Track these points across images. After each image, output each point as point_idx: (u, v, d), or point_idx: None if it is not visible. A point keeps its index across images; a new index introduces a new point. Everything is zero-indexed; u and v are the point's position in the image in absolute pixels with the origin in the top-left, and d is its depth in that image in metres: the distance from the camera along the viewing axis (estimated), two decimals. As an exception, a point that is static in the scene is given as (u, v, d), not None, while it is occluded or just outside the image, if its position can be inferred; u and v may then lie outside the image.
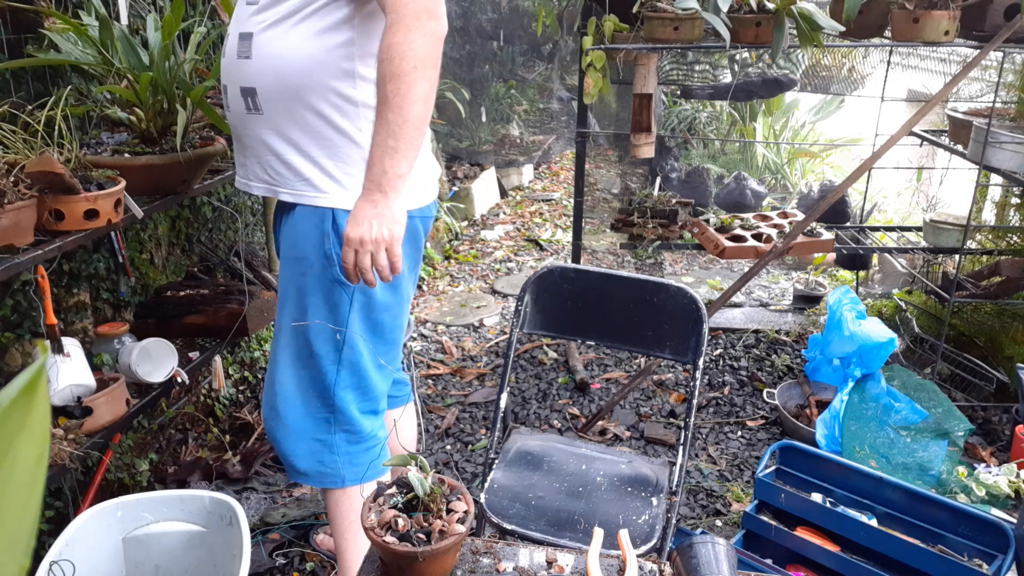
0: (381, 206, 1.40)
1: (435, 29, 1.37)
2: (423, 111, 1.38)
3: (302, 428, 1.63)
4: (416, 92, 1.36)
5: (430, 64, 1.37)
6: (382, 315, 1.62)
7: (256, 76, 1.49)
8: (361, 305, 1.58)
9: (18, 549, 0.30)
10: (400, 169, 1.39)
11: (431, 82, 1.38)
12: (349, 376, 1.62)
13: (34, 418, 0.30)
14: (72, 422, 1.80)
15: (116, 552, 1.62)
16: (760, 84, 4.16)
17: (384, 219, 1.40)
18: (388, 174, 1.39)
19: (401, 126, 1.37)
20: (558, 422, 2.90)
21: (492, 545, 1.22)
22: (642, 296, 1.81)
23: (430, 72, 1.37)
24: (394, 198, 1.40)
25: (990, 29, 2.62)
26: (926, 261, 3.27)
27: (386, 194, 1.40)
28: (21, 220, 1.55)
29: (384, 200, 1.40)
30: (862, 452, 2.39)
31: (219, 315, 2.39)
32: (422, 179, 1.61)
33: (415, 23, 1.34)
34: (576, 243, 3.32)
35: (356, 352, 1.60)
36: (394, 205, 1.41)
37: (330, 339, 1.58)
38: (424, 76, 1.36)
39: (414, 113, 1.37)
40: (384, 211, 1.40)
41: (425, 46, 1.35)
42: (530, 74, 7.55)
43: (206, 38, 2.10)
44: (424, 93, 1.37)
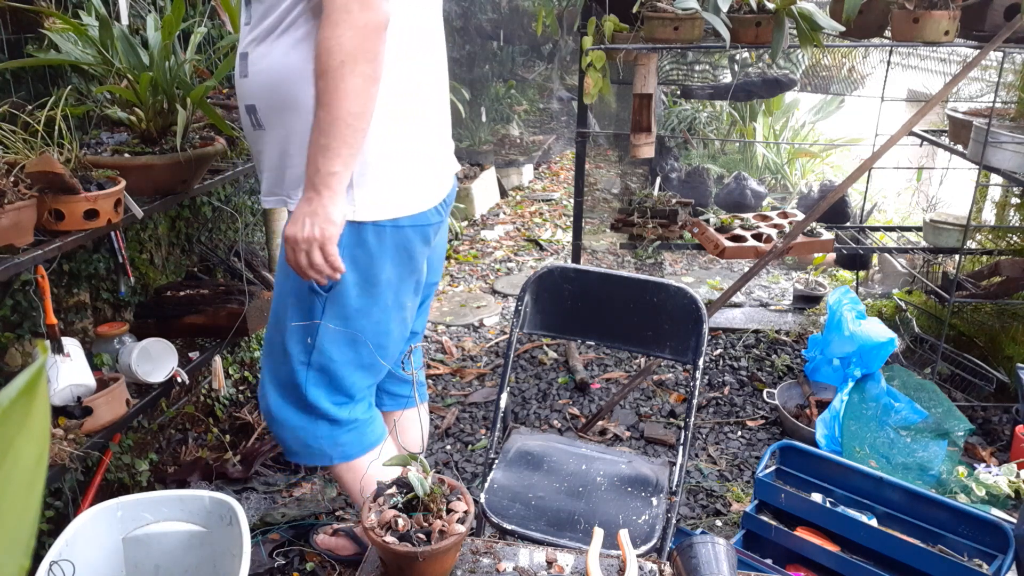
0: (315, 204, 1.39)
1: (368, 20, 1.31)
2: (356, 107, 1.34)
3: (284, 417, 1.69)
4: (345, 88, 1.33)
5: (362, 58, 1.32)
6: (360, 321, 1.60)
7: (254, 93, 1.50)
8: (334, 313, 1.58)
9: (18, 549, 0.30)
10: (332, 167, 1.37)
11: (365, 77, 1.33)
12: (318, 376, 1.64)
13: (34, 418, 0.30)
14: (72, 422, 1.80)
15: (116, 552, 1.62)
16: (760, 84, 4.16)
17: (317, 218, 1.39)
18: (321, 172, 1.37)
19: (332, 124, 1.35)
20: (558, 422, 2.90)
21: (492, 545, 1.22)
22: (642, 296, 1.81)
23: (362, 67, 1.33)
24: (328, 197, 1.39)
25: (990, 29, 2.62)
26: (926, 261, 3.27)
27: (320, 193, 1.39)
28: (21, 220, 1.55)
29: (318, 199, 1.39)
30: (862, 452, 2.39)
31: (219, 315, 2.39)
32: (411, 185, 1.56)
33: (343, 16, 1.30)
34: (576, 243, 3.32)
35: (326, 356, 1.61)
36: (328, 204, 1.39)
37: (301, 341, 1.61)
38: (354, 71, 1.32)
39: (344, 110, 1.34)
40: (317, 209, 1.39)
41: (354, 39, 1.31)
42: (530, 74, 7.55)
43: (214, 40, 2.10)
44: (355, 89, 1.33)
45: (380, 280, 1.58)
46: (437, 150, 1.63)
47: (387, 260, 1.56)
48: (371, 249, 1.54)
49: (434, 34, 1.58)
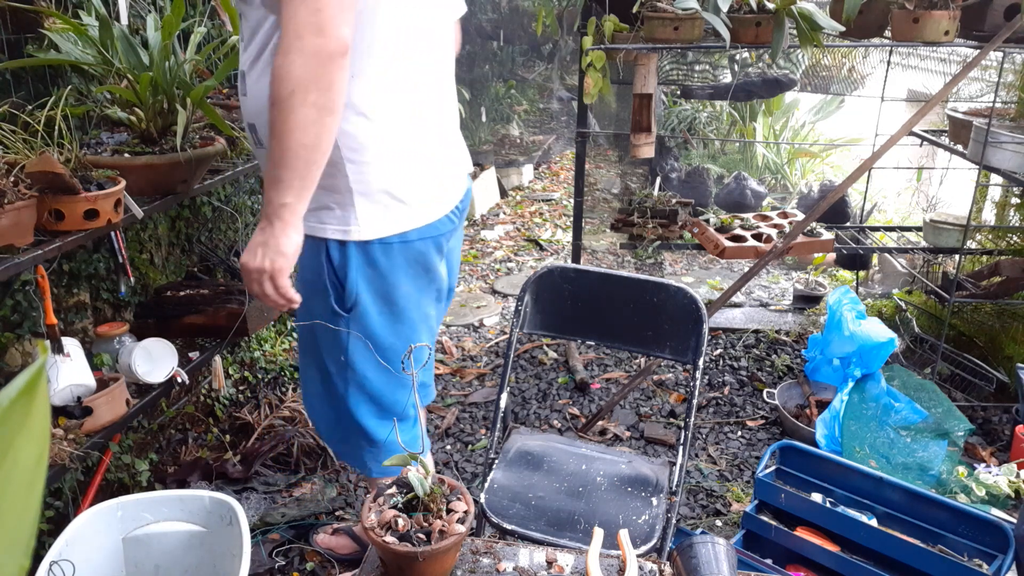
0: (266, 234, 1.36)
1: (321, 47, 1.25)
2: (307, 139, 1.29)
3: (330, 431, 1.74)
4: (295, 119, 1.27)
5: (313, 87, 1.26)
6: (388, 339, 1.59)
7: (252, 113, 1.48)
8: (359, 332, 1.56)
9: (18, 549, 0.30)
10: (284, 199, 1.33)
11: (318, 107, 1.28)
12: (360, 395, 1.65)
13: (34, 418, 0.31)
14: (72, 422, 1.80)
15: (116, 552, 1.62)
16: (760, 84, 4.16)
17: (268, 249, 1.37)
18: (273, 204, 1.34)
19: (282, 155, 1.31)
20: (558, 422, 2.90)
21: (492, 545, 1.22)
22: (642, 296, 1.81)
23: (314, 96, 1.26)
24: (280, 228, 1.35)
25: (990, 29, 2.62)
26: (926, 261, 3.27)
27: (272, 224, 1.36)
28: (21, 220, 1.55)
29: (270, 229, 1.36)
30: (862, 452, 2.39)
31: (219, 315, 2.39)
32: (415, 196, 1.53)
33: (295, 43, 1.25)
34: (576, 243, 3.32)
35: (359, 375, 1.62)
36: (280, 236, 1.36)
37: (335, 360, 1.61)
38: (305, 101, 1.26)
39: (295, 141, 1.29)
40: (269, 240, 1.36)
41: (306, 68, 1.25)
42: (530, 74, 7.55)
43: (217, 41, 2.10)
44: (305, 120, 1.28)
45: (398, 297, 1.56)
46: (443, 153, 1.59)
47: (401, 276, 1.54)
48: (382, 267, 1.51)
49: (434, 34, 1.54)
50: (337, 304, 1.53)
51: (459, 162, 1.67)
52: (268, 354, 3.03)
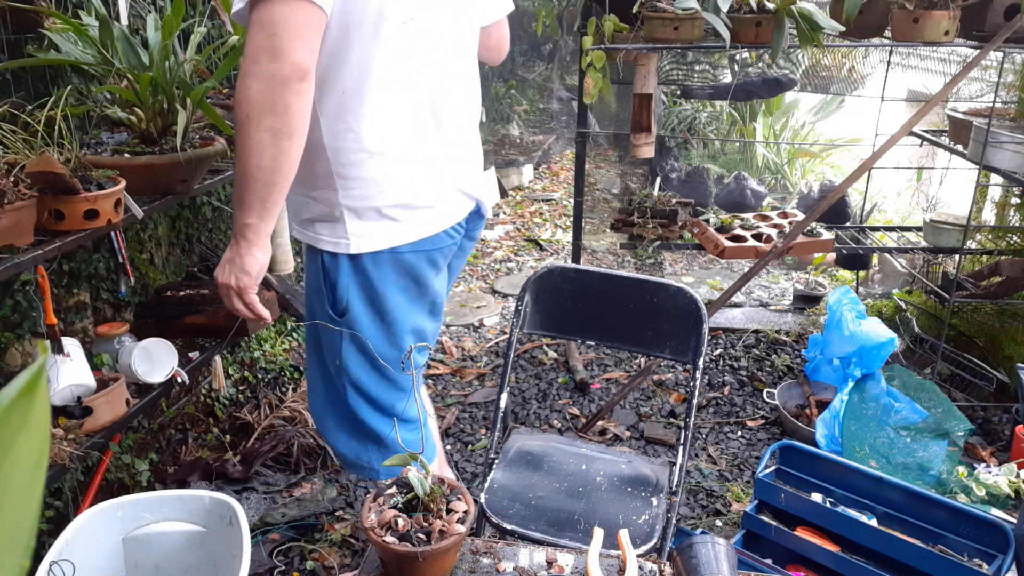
0: (233, 253, 1.41)
1: (276, 72, 1.25)
2: (263, 162, 1.30)
3: (337, 434, 1.74)
4: (251, 144, 1.29)
5: (268, 112, 1.26)
6: (381, 347, 1.60)
7: None
8: (351, 338, 1.58)
9: (18, 549, 0.30)
10: (246, 219, 1.37)
11: (273, 131, 1.28)
12: (357, 395, 1.67)
13: (34, 418, 0.31)
14: (72, 422, 1.80)
15: (116, 552, 1.62)
16: (760, 84, 4.16)
17: (234, 266, 1.42)
18: (238, 223, 1.38)
19: (242, 177, 1.33)
20: (558, 422, 2.90)
21: (492, 545, 1.22)
22: (642, 296, 1.81)
23: (269, 120, 1.27)
24: (244, 247, 1.39)
25: (990, 29, 2.62)
26: (926, 261, 3.27)
27: (237, 242, 1.40)
28: (21, 220, 1.55)
29: (236, 248, 1.41)
30: (862, 452, 2.39)
31: (219, 315, 2.39)
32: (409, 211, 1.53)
33: (251, 67, 1.26)
34: (576, 243, 3.32)
35: (352, 376, 1.63)
36: (244, 254, 1.40)
37: (332, 362, 1.65)
38: (261, 125, 1.27)
39: (252, 164, 1.31)
40: (235, 258, 1.41)
41: (261, 92, 1.26)
42: (530, 74, 7.56)
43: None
44: (260, 144, 1.29)
45: (388, 307, 1.57)
46: (443, 171, 1.57)
47: (390, 286, 1.55)
48: (371, 277, 1.53)
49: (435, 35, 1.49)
50: (331, 308, 1.56)
51: (469, 173, 1.64)
52: (268, 354, 3.03)
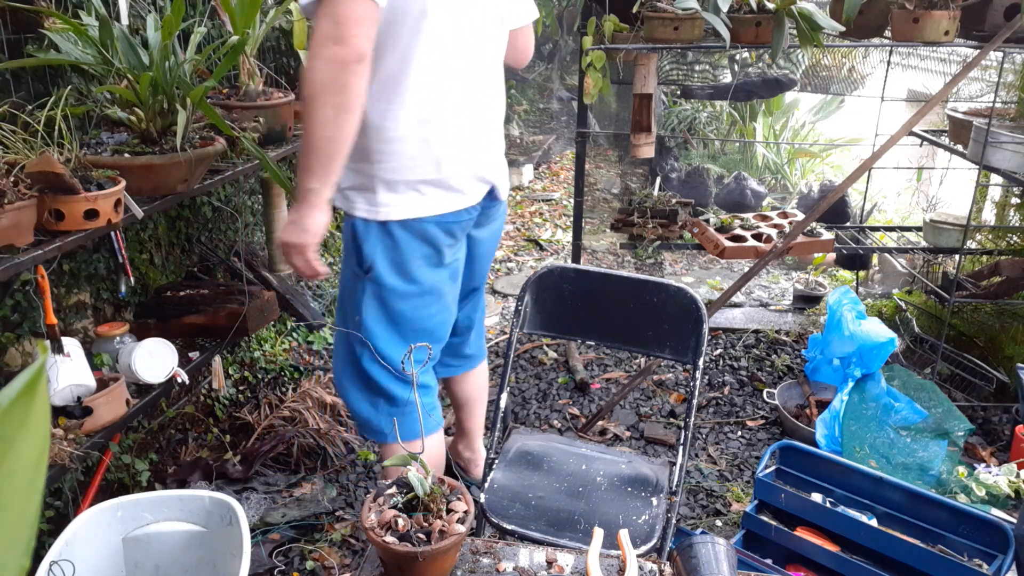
0: (296, 215, 1.56)
1: (339, 55, 1.43)
2: (328, 133, 1.48)
3: (353, 393, 1.87)
4: (317, 118, 1.47)
5: (333, 89, 1.45)
6: (398, 303, 1.75)
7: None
8: (372, 293, 1.74)
9: (18, 549, 0.30)
10: (310, 184, 1.52)
11: (337, 107, 1.46)
12: (368, 353, 1.79)
13: (34, 418, 0.31)
14: (72, 422, 1.80)
15: (116, 552, 1.62)
16: (760, 84, 4.16)
17: (296, 227, 1.56)
18: (302, 188, 1.54)
19: (306, 147, 1.51)
20: (558, 422, 2.90)
21: (492, 545, 1.22)
22: (642, 296, 1.81)
23: (334, 97, 1.45)
24: (307, 210, 1.54)
25: (990, 29, 2.62)
26: (926, 261, 3.27)
27: (300, 206, 1.55)
28: (21, 220, 1.55)
29: (299, 210, 1.56)
30: (862, 452, 2.39)
31: (219, 315, 2.39)
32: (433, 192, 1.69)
33: (318, 51, 1.44)
34: (576, 243, 3.32)
35: (369, 332, 1.77)
36: (306, 216, 1.55)
37: (351, 319, 1.80)
38: (326, 102, 1.46)
39: (317, 137, 1.48)
40: (297, 220, 1.56)
41: (328, 73, 1.44)
42: (530, 74, 7.55)
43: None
44: (326, 118, 1.47)
45: (411, 268, 1.74)
46: (472, 152, 1.73)
47: (413, 252, 1.72)
48: (399, 242, 1.70)
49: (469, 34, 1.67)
50: (357, 266, 1.72)
51: (485, 163, 1.79)
52: (268, 354, 3.03)
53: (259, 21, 2.34)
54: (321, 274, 1.63)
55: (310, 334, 3.27)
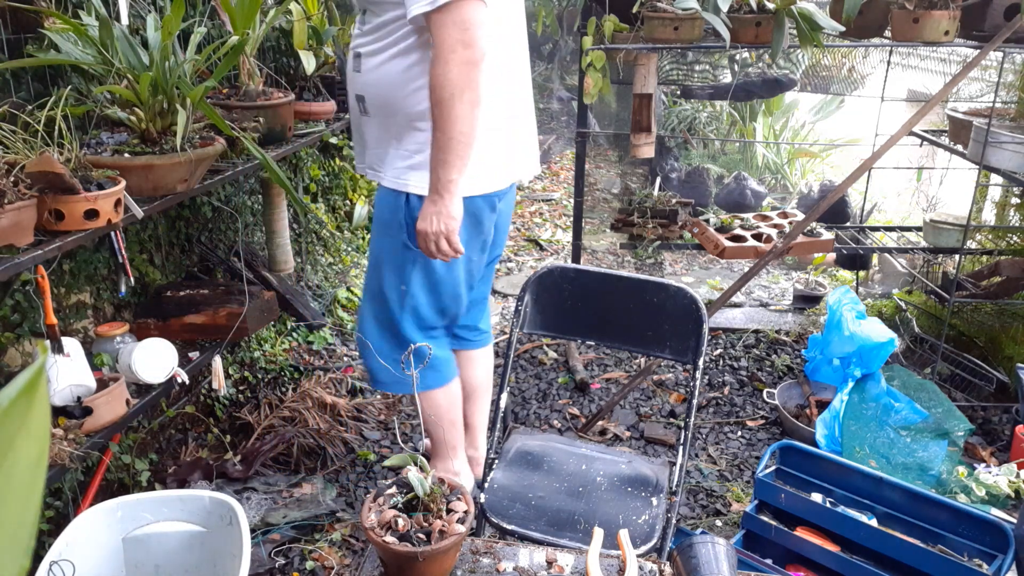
0: (439, 205, 1.72)
1: (469, 58, 1.60)
2: (465, 127, 1.65)
3: (380, 349, 2.02)
4: (455, 114, 1.63)
5: (466, 88, 1.61)
6: (440, 272, 1.94)
7: (364, 87, 1.83)
8: (421, 265, 1.92)
9: (18, 549, 0.30)
10: (450, 175, 1.69)
11: (470, 103, 1.63)
12: (411, 316, 1.99)
13: (34, 418, 0.31)
14: (72, 422, 1.80)
15: (116, 552, 1.62)
16: (760, 84, 4.16)
17: (442, 216, 1.73)
18: (442, 180, 1.70)
19: (447, 143, 1.66)
20: (558, 422, 2.90)
21: (492, 545, 1.22)
22: (642, 296, 1.81)
23: (467, 95, 1.62)
24: (449, 199, 1.72)
25: (990, 29, 2.62)
26: (926, 261, 3.27)
27: (443, 196, 1.71)
28: (21, 220, 1.55)
29: (442, 201, 1.72)
30: (862, 452, 2.39)
31: (219, 315, 2.39)
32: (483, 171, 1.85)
33: (450, 56, 1.59)
34: (576, 243, 3.32)
35: (415, 300, 1.96)
36: (450, 205, 1.72)
37: (395, 288, 1.96)
38: (462, 99, 1.62)
39: (457, 131, 1.65)
40: (442, 209, 1.72)
41: (461, 75, 1.60)
42: (530, 74, 7.54)
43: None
44: (463, 113, 1.64)
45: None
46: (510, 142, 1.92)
47: (463, 226, 1.85)
48: None
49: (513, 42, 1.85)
50: (408, 239, 1.86)
51: (528, 145, 2.01)
52: (268, 354, 3.03)
53: (259, 21, 2.35)
54: (461, 252, 1.80)
55: (310, 334, 3.27)
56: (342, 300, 3.63)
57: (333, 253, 3.84)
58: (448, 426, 2.20)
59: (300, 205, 3.25)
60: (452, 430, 2.22)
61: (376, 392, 3.02)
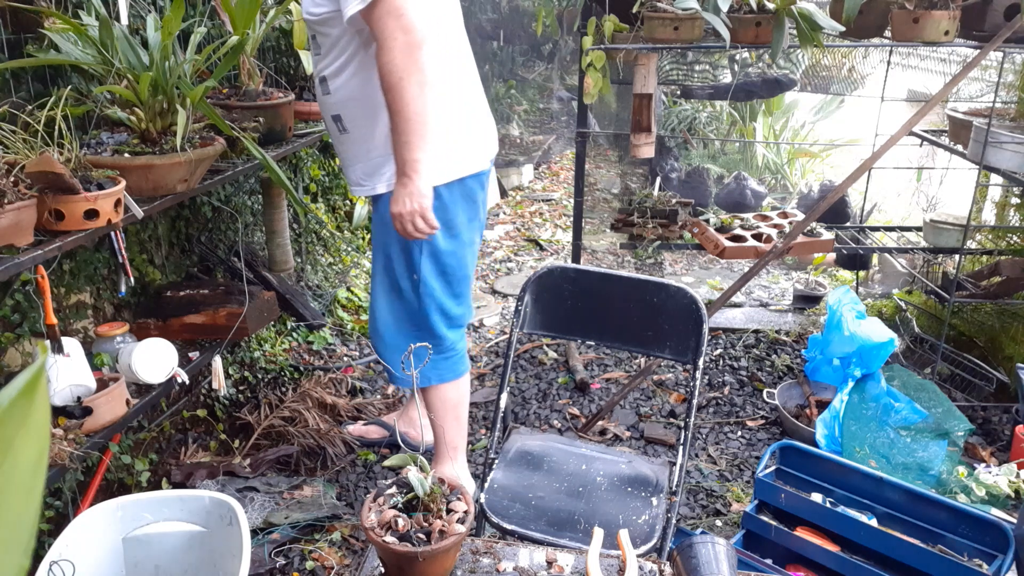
0: (409, 187, 1.78)
1: (410, 41, 1.67)
2: (419, 107, 1.71)
3: (397, 344, 2.09)
4: (407, 96, 1.70)
5: (413, 70, 1.68)
6: (448, 259, 2.01)
7: (337, 106, 1.92)
8: (428, 253, 1.98)
9: (18, 549, 0.30)
10: (415, 155, 1.75)
11: (419, 84, 1.69)
12: (434, 308, 2.04)
13: (34, 418, 0.31)
14: (72, 422, 1.80)
15: (116, 552, 1.62)
16: (760, 84, 4.16)
17: (413, 196, 1.79)
18: (408, 161, 1.76)
19: (404, 124, 1.73)
20: (558, 422, 2.90)
21: (492, 545, 1.23)
22: (642, 296, 1.81)
23: (415, 76, 1.69)
24: (417, 178, 1.77)
25: (990, 29, 2.62)
26: (926, 261, 3.27)
27: (410, 176, 1.77)
28: (21, 220, 1.55)
29: (411, 181, 1.78)
30: (862, 452, 2.39)
31: (219, 315, 2.39)
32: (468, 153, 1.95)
33: (392, 43, 1.67)
34: (576, 243, 3.32)
35: (429, 288, 2.02)
36: (419, 183, 1.78)
37: (408, 278, 2.02)
38: (411, 81, 1.69)
39: (412, 111, 1.71)
40: (412, 189, 1.78)
41: (405, 58, 1.67)
42: (530, 74, 7.55)
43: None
44: (414, 94, 1.70)
45: (457, 224, 1.99)
46: (481, 122, 2.04)
47: (459, 207, 1.98)
48: (446, 202, 1.94)
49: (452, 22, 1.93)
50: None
51: (491, 122, 2.11)
52: (268, 354, 3.03)
53: (259, 21, 2.35)
54: (436, 228, 1.85)
55: (310, 334, 3.27)
56: (342, 300, 3.63)
57: (333, 253, 3.84)
58: (452, 422, 2.22)
59: (300, 205, 3.25)
60: (456, 427, 2.24)
61: (376, 392, 3.02)
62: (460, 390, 2.21)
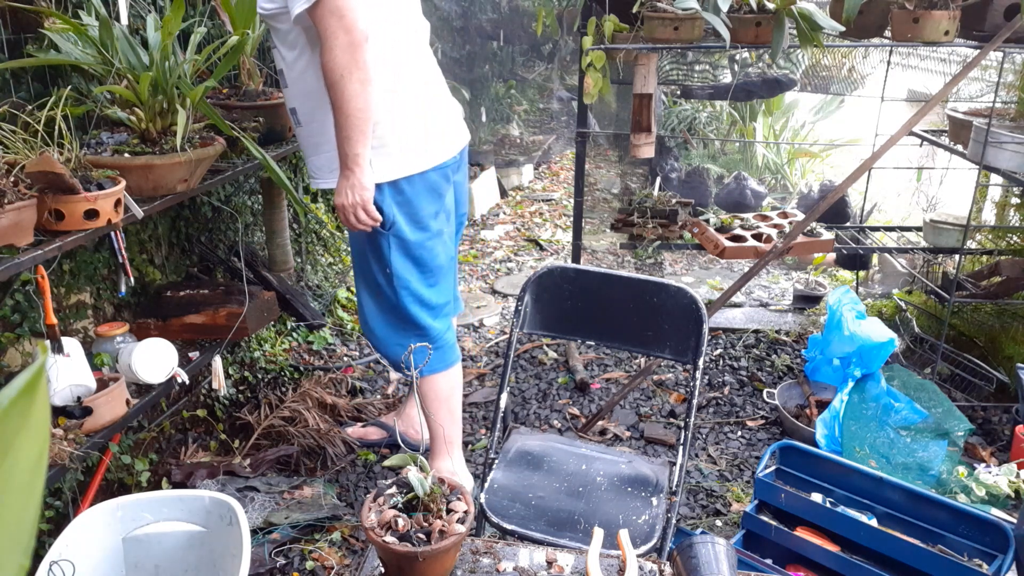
0: (351, 179, 1.85)
1: (351, 40, 1.72)
2: (360, 103, 1.77)
3: (387, 336, 2.14)
4: (348, 92, 1.76)
5: (354, 68, 1.74)
6: (418, 250, 2.04)
7: (292, 99, 1.97)
8: (397, 246, 2.02)
9: (18, 549, 0.30)
10: (356, 149, 1.81)
11: (360, 81, 1.75)
12: (409, 297, 2.08)
13: (34, 418, 0.31)
14: (72, 422, 1.80)
15: (116, 552, 1.62)
16: (760, 84, 4.16)
17: (355, 188, 1.85)
18: (349, 155, 1.83)
19: (346, 120, 1.79)
20: (558, 422, 2.90)
21: (492, 545, 1.23)
22: (642, 296, 1.81)
23: (356, 74, 1.74)
24: (359, 172, 1.84)
25: (990, 29, 2.62)
26: (926, 261, 3.27)
27: (352, 170, 1.84)
28: (21, 220, 1.55)
29: (352, 175, 1.85)
30: (862, 452, 2.39)
31: (219, 315, 2.39)
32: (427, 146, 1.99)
33: (334, 42, 1.72)
34: (576, 243, 3.32)
35: (403, 280, 2.06)
36: (361, 176, 1.84)
37: (382, 272, 2.06)
38: (351, 79, 1.74)
39: (353, 107, 1.77)
40: (354, 183, 1.85)
41: (344, 57, 1.73)
42: (530, 74, 7.55)
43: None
44: (355, 91, 1.76)
45: (423, 216, 2.03)
46: (442, 115, 2.08)
47: (423, 200, 2.02)
48: (408, 196, 1.99)
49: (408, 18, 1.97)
50: (380, 226, 1.97)
51: (458, 116, 2.17)
52: (268, 354, 3.03)
53: (259, 21, 2.34)
54: (378, 221, 1.92)
55: (310, 334, 3.27)
56: (342, 300, 3.63)
57: (333, 253, 3.84)
58: (447, 416, 2.24)
59: (300, 205, 3.25)
60: (451, 421, 2.26)
61: (376, 392, 3.02)
62: (451, 380, 2.23)
